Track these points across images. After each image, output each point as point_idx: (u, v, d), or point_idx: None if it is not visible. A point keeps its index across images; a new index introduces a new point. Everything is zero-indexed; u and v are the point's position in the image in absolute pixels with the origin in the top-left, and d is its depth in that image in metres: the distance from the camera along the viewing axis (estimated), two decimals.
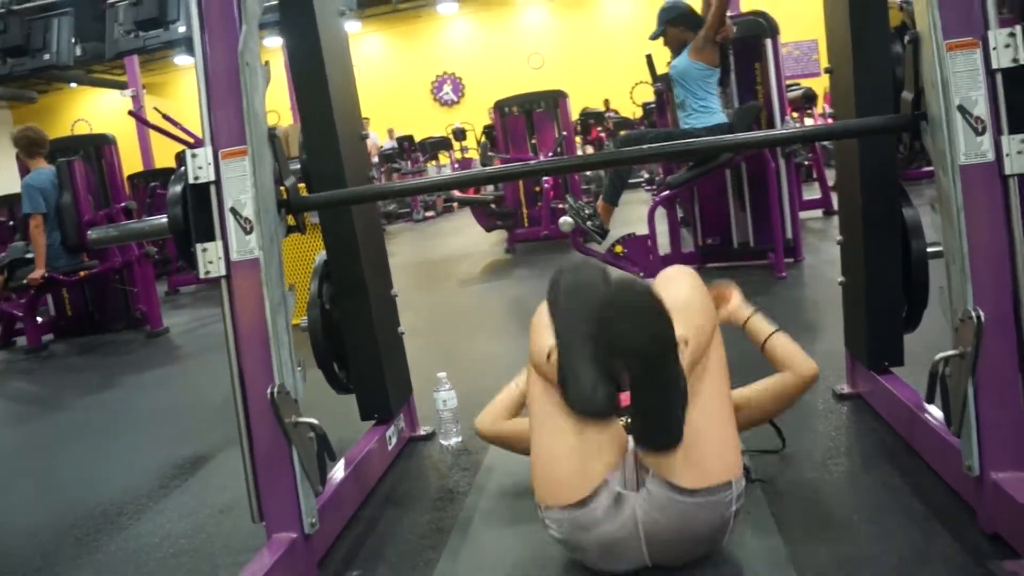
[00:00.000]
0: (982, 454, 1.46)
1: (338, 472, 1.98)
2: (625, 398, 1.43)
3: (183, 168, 1.71)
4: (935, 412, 1.75)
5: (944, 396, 1.52)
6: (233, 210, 1.65)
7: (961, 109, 1.46)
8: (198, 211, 1.70)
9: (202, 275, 1.69)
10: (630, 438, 1.51)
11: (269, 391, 1.60)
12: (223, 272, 1.67)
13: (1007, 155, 1.44)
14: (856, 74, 2.02)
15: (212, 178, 1.68)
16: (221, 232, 1.67)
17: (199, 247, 1.68)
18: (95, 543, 2.04)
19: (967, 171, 1.45)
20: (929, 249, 1.98)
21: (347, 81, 2.32)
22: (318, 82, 2.15)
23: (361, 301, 2.26)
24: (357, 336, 2.29)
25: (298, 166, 2.32)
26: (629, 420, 1.47)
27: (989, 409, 1.45)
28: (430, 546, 1.78)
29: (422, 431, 2.52)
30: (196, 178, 1.68)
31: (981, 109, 1.45)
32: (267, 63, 1.74)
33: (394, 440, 2.34)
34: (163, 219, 1.99)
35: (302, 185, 2.04)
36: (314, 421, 1.65)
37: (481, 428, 2.12)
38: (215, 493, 2.26)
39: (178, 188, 1.76)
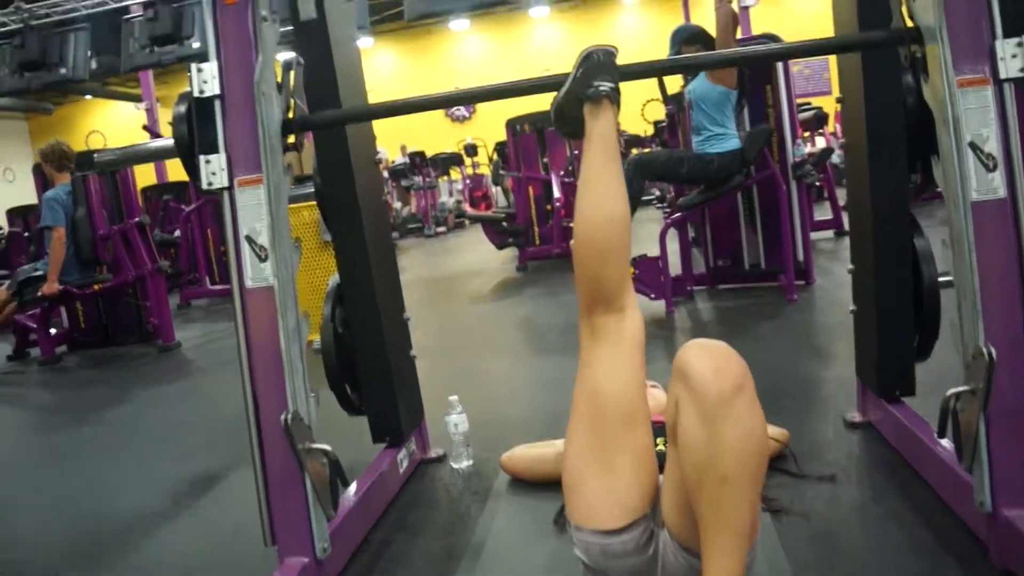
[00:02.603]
0: (994, 490, 1.47)
1: (350, 495, 1.99)
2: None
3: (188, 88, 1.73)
4: (947, 444, 1.75)
5: (956, 431, 1.53)
6: (248, 238, 1.67)
7: (972, 146, 1.47)
8: (202, 124, 1.72)
9: (204, 187, 1.70)
10: (660, 476, 1.52)
11: (283, 418, 1.61)
12: (225, 184, 1.69)
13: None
14: (868, 104, 2.04)
15: (217, 92, 1.70)
16: (236, 258, 1.69)
17: (203, 159, 1.70)
18: (106, 560, 2.06)
19: (979, 208, 1.46)
20: (940, 279, 1.99)
21: (358, 109, 2.34)
22: (332, 107, 2.17)
23: (374, 324, 2.28)
24: (370, 359, 2.31)
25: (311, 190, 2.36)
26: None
27: (1001, 446, 1.46)
28: (441, 572, 1.78)
29: (433, 454, 2.52)
30: (201, 92, 1.70)
31: (992, 146, 1.46)
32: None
33: (405, 463, 2.35)
34: (168, 140, 1.99)
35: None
36: (327, 447, 1.66)
37: (508, 465, 2.25)
38: (227, 513, 2.27)
39: (183, 108, 1.77)
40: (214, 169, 1.70)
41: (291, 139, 1.83)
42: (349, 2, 2.38)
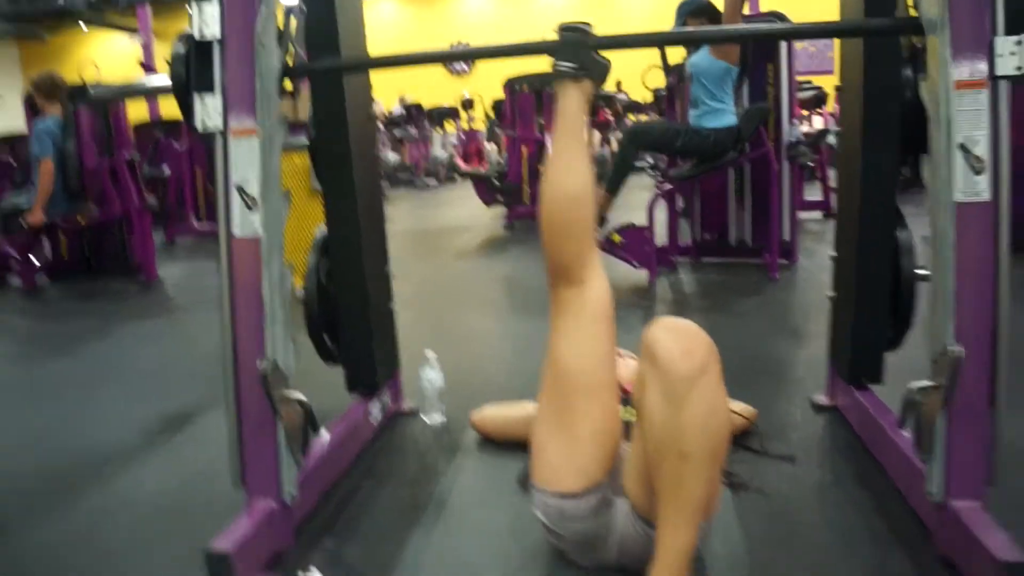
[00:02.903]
0: (946, 482, 1.52)
1: (321, 442, 2.01)
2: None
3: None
4: (907, 435, 1.79)
5: (916, 423, 1.56)
6: (240, 188, 1.67)
7: (962, 147, 1.48)
8: (200, 65, 1.71)
9: (198, 126, 1.71)
10: (624, 444, 1.58)
11: (261, 365, 1.63)
12: (219, 125, 1.70)
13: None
14: (866, 96, 2.05)
15: (217, 35, 1.69)
16: (226, 206, 1.69)
17: (198, 98, 1.71)
18: (79, 493, 2.08)
19: (962, 209, 1.48)
20: (919, 272, 2.02)
21: (357, 58, 2.33)
22: (332, 57, 2.16)
23: (357, 277, 2.30)
24: (350, 310, 2.33)
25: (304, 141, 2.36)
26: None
27: (957, 441, 1.50)
28: (405, 522, 1.82)
29: (406, 406, 2.56)
30: (201, 35, 1.70)
31: (982, 149, 1.48)
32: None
33: (377, 413, 2.38)
34: (165, 78, 1.99)
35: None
36: (302, 397, 1.69)
37: (478, 423, 2.27)
38: (199, 453, 2.30)
39: (182, 48, 1.77)
40: (209, 111, 1.70)
41: (288, 86, 1.83)
42: None
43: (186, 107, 1.76)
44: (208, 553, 1.50)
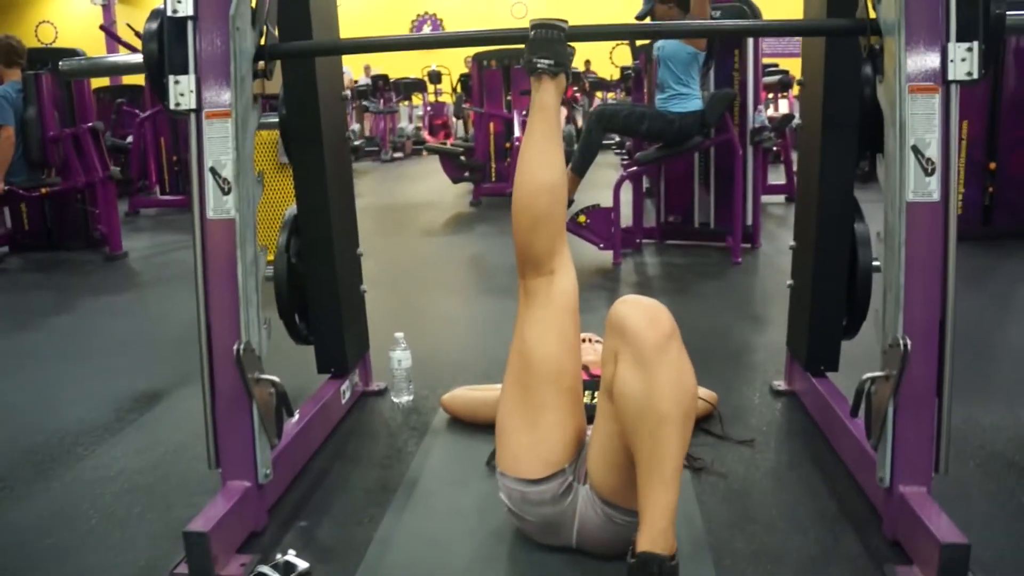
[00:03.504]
0: (894, 468, 1.59)
1: (292, 423, 2.05)
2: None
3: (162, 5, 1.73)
4: (860, 422, 1.87)
5: (867, 410, 1.64)
6: (213, 170, 1.69)
7: (915, 149, 1.55)
8: (174, 44, 1.72)
9: (172, 107, 1.72)
10: (589, 429, 1.65)
11: (235, 347, 1.66)
12: (193, 106, 1.71)
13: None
14: (826, 93, 2.11)
15: (190, 12, 1.70)
16: (200, 188, 1.71)
17: (172, 79, 1.71)
18: (51, 470, 2.09)
19: (913, 208, 1.55)
20: (875, 263, 2.09)
21: (332, 42, 2.34)
22: (304, 38, 2.17)
23: (327, 258, 2.32)
24: (320, 291, 2.36)
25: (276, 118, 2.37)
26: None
27: (905, 429, 1.58)
28: (376, 502, 1.87)
29: (375, 387, 2.60)
30: (175, 11, 1.70)
31: (933, 151, 1.55)
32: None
33: (348, 394, 2.42)
34: (138, 56, 1.99)
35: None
36: (276, 379, 1.72)
37: (448, 404, 2.32)
38: (170, 431, 2.32)
39: (154, 25, 1.77)
40: (183, 90, 1.71)
41: (260, 65, 1.84)
42: None
43: (160, 87, 1.76)
44: (185, 534, 1.53)
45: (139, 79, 8.66)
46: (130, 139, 7.73)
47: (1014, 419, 2.22)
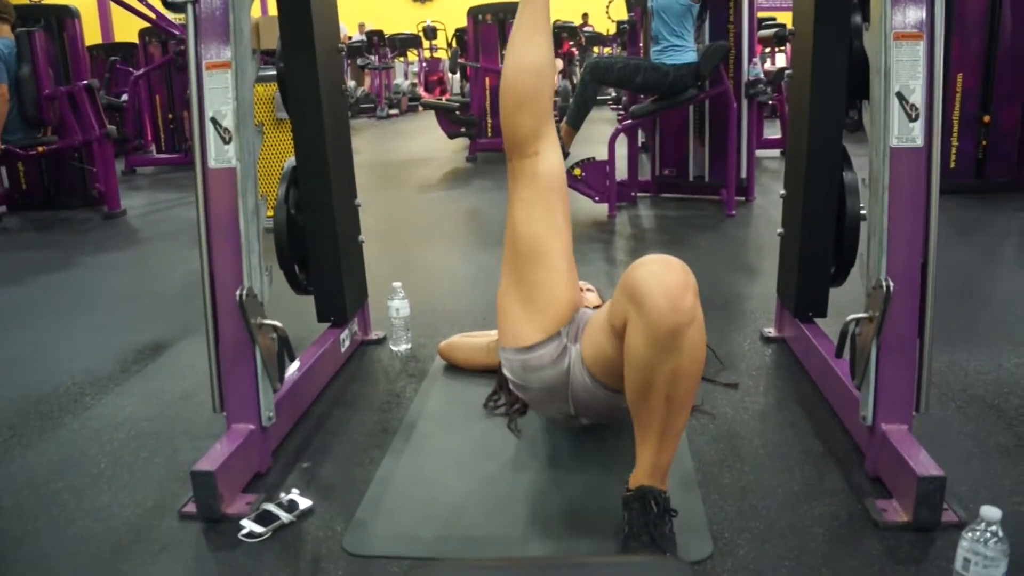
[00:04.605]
0: (876, 407, 1.65)
1: (294, 370, 2.10)
2: None
3: None
4: (845, 365, 1.92)
5: (852, 352, 1.70)
6: (213, 120, 1.72)
7: (899, 95, 1.58)
8: None
9: None
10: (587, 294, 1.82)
11: (238, 293, 1.71)
12: None
13: None
14: (816, 42, 2.13)
15: None
16: (201, 138, 1.74)
17: None
18: (59, 419, 2.15)
19: (896, 153, 1.59)
20: (862, 211, 2.13)
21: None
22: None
23: (326, 209, 2.36)
24: (320, 242, 2.40)
25: (273, 72, 2.39)
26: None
27: (888, 369, 1.63)
28: (375, 444, 1.93)
29: (374, 336, 2.65)
30: None
31: (917, 97, 1.58)
32: None
33: (347, 343, 2.47)
34: None
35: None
36: (277, 323, 1.77)
37: (444, 351, 2.38)
38: (175, 380, 2.38)
39: None
40: None
41: (256, 11, 1.86)
42: None
43: None
44: (193, 472, 1.59)
45: (132, 36, 8.61)
46: (125, 97, 7.69)
47: (995, 364, 2.27)
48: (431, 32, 13.88)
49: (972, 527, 1.25)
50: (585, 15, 15.12)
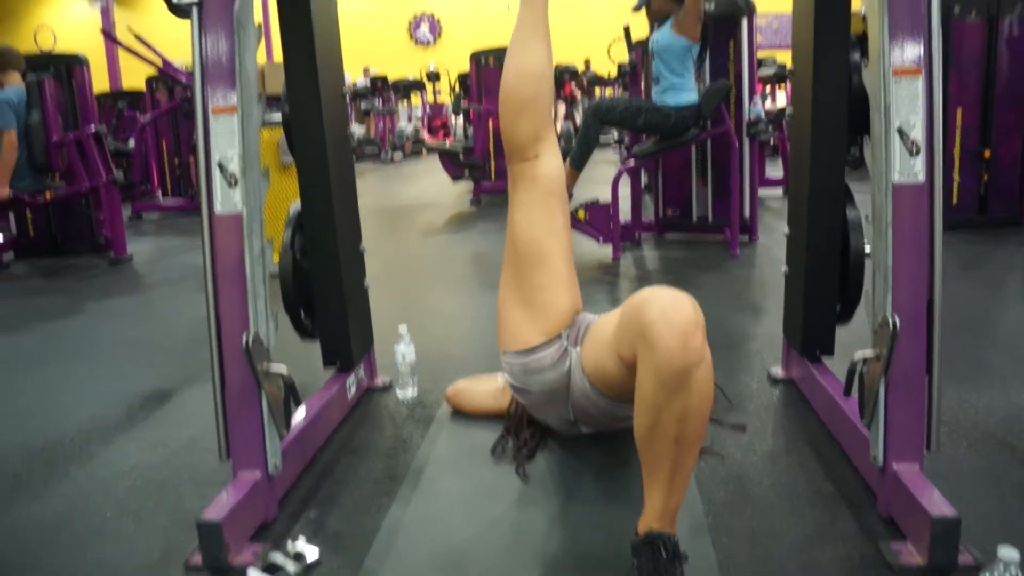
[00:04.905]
0: (886, 446, 1.63)
1: (300, 416, 2.09)
2: None
3: None
4: (853, 404, 1.91)
5: (860, 391, 1.68)
6: (220, 164, 1.73)
7: (900, 131, 1.59)
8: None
9: (175, 1, 1.75)
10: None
11: (244, 338, 1.71)
12: None
13: None
14: (815, 79, 2.15)
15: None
16: (207, 183, 1.75)
17: None
18: (65, 468, 2.14)
19: (899, 190, 1.60)
20: (867, 249, 2.14)
21: (333, 42, 2.38)
22: (305, 42, 2.21)
23: (331, 254, 2.37)
24: (325, 287, 2.40)
25: (278, 116, 2.42)
26: None
27: (897, 407, 1.62)
28: (383, 492, 1.91)
29: (380, 381, 2.64)
30: None
31: (918, 133, 1.59)
32: (259, 25, 1.82)
33: (353, 389, 2.47)
34: None
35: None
36: (284, 370, 1.76)
37: (452, 397, 2.36)
38: (180, 427, 2.37)
39: None
40: None
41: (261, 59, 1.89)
42: None
43: None
44: (199, 524, 1.58)
45: (139, 83, 8.73)
46: (132, 143, 7.78)
47: (1006, 401, 2.26)
48: (434, 76, 14.05)
49: (990, 568, 1.23)
50: (587, 60, 15.29)
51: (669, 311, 1.38)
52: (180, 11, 1.77)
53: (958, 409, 2.20)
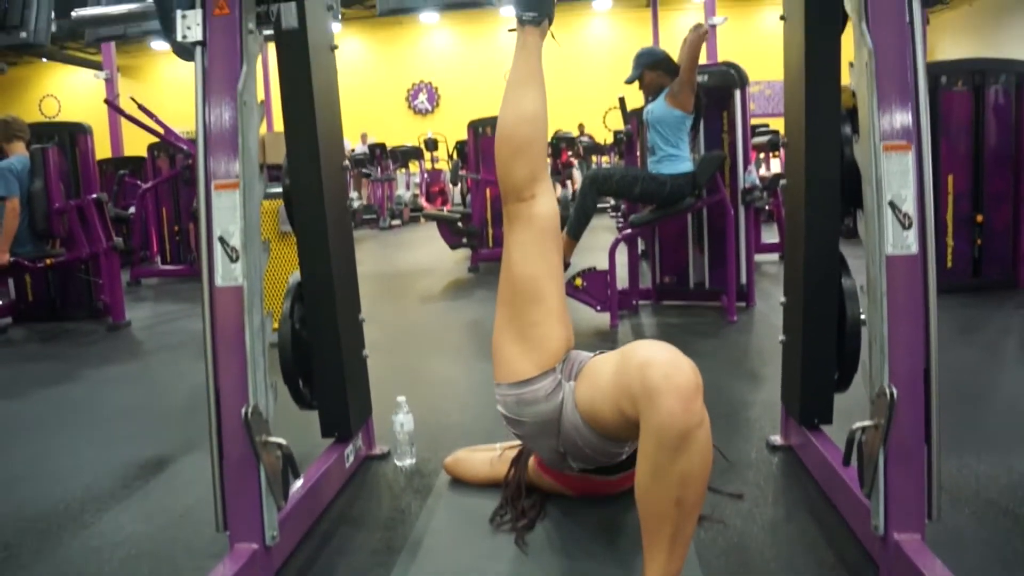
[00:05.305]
0: (887, 516, 1.63)
1: (298, 487, 2.08)
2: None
3: None
4: (853, 472, 1.90)
5: (860, 460, 1.68)
6: (221, 239, 1.76)
7: (892, 205, 1.62)
8: None
9: (179, 38, 1.80)
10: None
11: (243, 410, 1.71)
12: (199, 37, 1.80)
13: None
14: (808, 152, 2.19)
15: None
16: (208, 257, 1.77)
17: (179, 13, 1.81)
18: (58, 538, 2.11)
19: (892, 261, 1.62)
20: (863, 317, 2.15)
21: (333, 115, 2.43)
22: (306, 115, 2.26)
23: (330, 325, 2.38)
24: (324, 357, 2.41)
25: (279, 188, 2.46)
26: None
27: (896, 476, 1.62)
28: (380, 563, 1.89)
29: (378, 450, 2.63)
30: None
31: (909, 206, 1.62)
32: (262, 102, 1.87)
33: (351, 458, 2.45)
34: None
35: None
36: (282, 441, 1.76)
37: (450, 467, 2.36)
38: (177, 497, 2.35)
39: None
40: (190, 23, 1.81)
41: (263, 131, 1.94)
42: (329, 10, 2.47)
43: (168, 21, 1.89)
44: None
45: (141, 150, 8.85)
46: (132, 209, 7.85)
47: (1007, 467, 2.25)
48: (432, 144, 14.26)
49: None
50: (581, 126, 15.55)
51: (673, 375, 1.43)
52: (184, 51, 1.83)
53: (959, 476, 2.19)
